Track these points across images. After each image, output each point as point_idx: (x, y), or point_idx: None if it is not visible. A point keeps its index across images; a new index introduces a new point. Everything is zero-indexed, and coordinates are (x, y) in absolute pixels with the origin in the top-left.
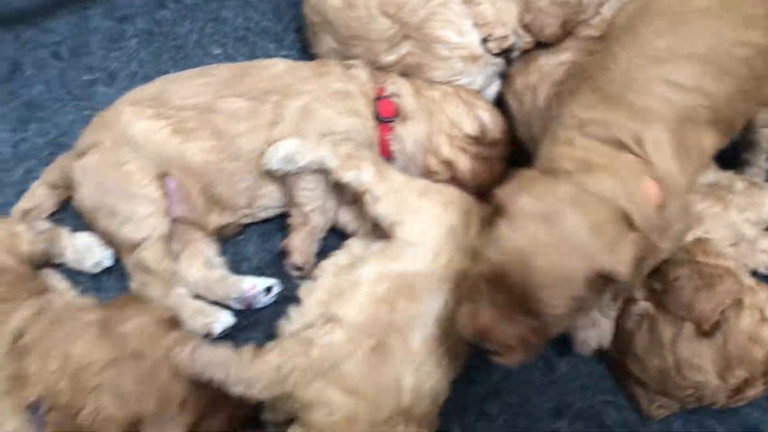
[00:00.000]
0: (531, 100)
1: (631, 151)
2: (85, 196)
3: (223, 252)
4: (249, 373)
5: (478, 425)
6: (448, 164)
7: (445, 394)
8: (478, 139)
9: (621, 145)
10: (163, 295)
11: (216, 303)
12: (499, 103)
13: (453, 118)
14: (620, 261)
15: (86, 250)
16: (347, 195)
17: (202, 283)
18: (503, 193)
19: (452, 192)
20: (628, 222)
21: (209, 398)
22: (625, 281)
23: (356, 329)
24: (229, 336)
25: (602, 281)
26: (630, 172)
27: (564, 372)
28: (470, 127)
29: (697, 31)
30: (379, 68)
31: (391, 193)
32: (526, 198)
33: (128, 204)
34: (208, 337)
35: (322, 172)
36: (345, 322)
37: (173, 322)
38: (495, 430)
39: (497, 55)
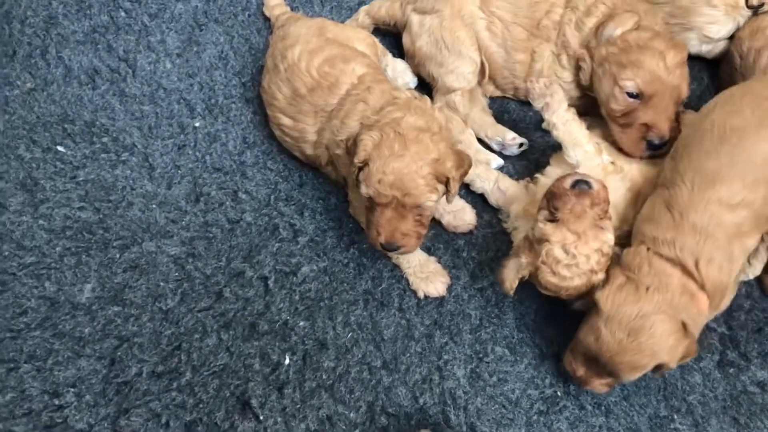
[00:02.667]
0: (753, 60)
1: (691, 275)
2: (422, 46)
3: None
4: (568, 117)
5: None
6: None
7: None
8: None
9: (684, 269)
10: (460, 131)
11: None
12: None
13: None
14: (674, 359)
15: (402, 72)
16: None
17: (479, 122)
18: (602, 296)
19: None
20: (685, 329)
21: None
22: (672, 369)
23: (629, 180)
24: None
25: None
26: (689, 293)
27: None
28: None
29: (736, 149)
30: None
31: None
32: (618, 309)
33: (456, 61)
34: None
35: None
36: (625, 171)
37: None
38: None
39: (750, 7)
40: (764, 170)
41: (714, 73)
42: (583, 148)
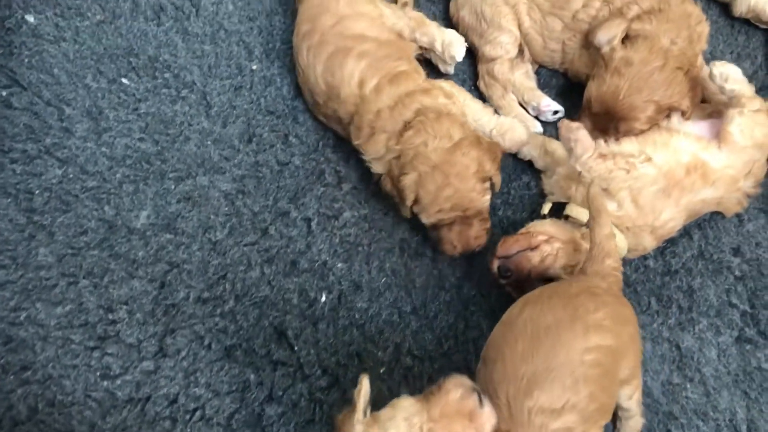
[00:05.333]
0: None
1: None
2: (465, 16)
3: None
4: (591, 165)
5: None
6: None
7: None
8: None
9: None
10: (500, 96)
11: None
12: None
13: None
14: None
15: (449, 45)
16: None
17: (518, 86)
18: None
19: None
20: None
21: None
22: None
23: (659, 170)
24: None
25: None
26: None
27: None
28: None
29: (552, 348)
30: None
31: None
32: None
33: (495, 32)
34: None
35: None
36: (655, 162)
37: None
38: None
39: None
40: (583, 368)
41: None
42: (614, 180)
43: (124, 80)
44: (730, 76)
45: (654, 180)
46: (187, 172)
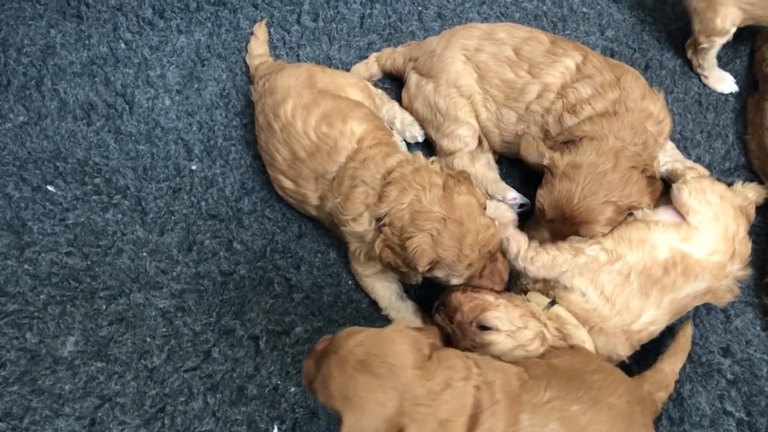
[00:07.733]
0: None
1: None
2: (418, 109)
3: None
4: (531, 255)
5: None
6: None
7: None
8: None
9: (478, 392)
10: None
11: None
12: None
13: None
14: None
15: (410, 125)
16: None
17: (480, 178)
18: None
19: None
20: None
21: (485, 268)
22: None
23: (631, 268)
24: None
25: None
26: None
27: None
28: None
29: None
30: None
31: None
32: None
33: (452, 125)
34: None
35: None
36: (625, 259)
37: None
38: None
39: None
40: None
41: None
42: (562, 266)
43: (49, 187)
44: (660, 159)
45: (618, 271)
46: (120, 289)
